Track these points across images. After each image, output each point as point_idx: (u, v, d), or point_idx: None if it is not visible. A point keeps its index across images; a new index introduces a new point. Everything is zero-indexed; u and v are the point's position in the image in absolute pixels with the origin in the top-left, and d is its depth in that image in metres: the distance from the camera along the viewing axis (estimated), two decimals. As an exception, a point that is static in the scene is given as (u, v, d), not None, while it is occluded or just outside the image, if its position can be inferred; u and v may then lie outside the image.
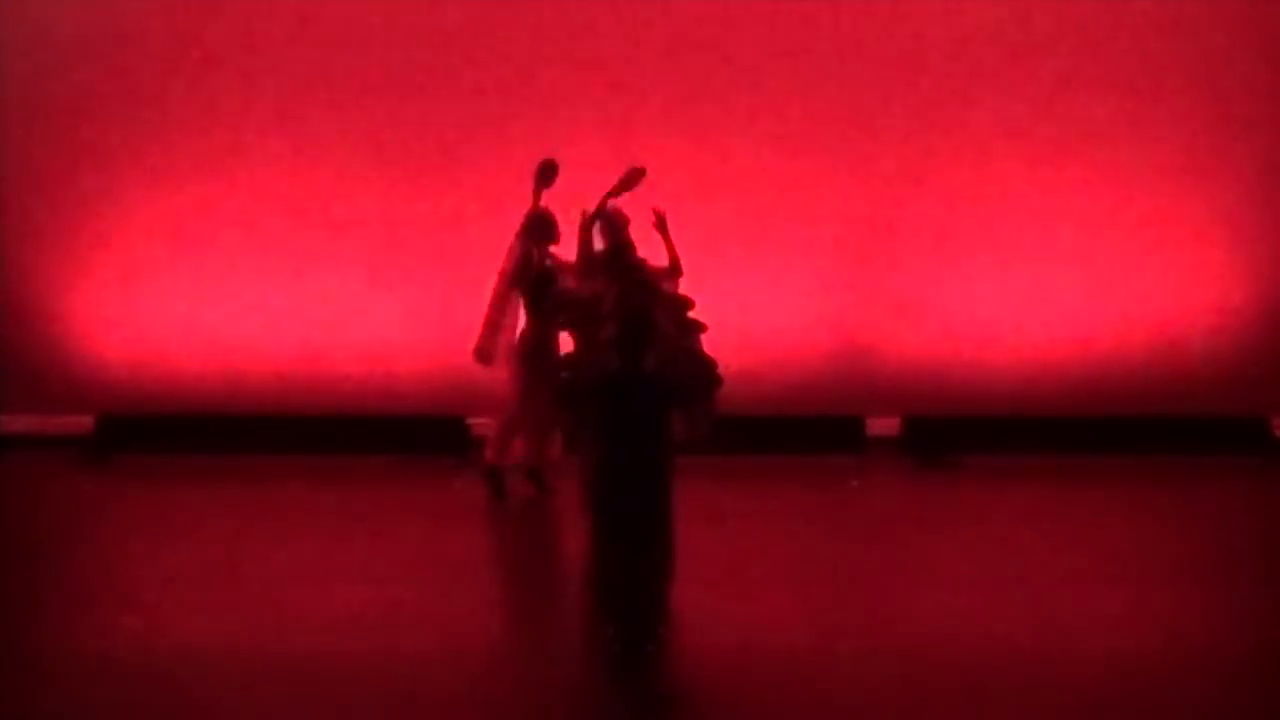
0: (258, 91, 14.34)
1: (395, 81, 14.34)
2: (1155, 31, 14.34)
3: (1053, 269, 14.47)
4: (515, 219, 14.25)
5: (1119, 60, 14.36)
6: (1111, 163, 14.42)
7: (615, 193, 11.89)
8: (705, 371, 9.61)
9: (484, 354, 12.11)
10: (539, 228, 12.15)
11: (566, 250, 12.11)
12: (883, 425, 14.11)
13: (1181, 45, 14.36)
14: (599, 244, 11.78)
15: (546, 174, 12.30)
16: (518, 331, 12.13)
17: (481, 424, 13.67)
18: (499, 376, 12.16)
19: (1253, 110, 14.45)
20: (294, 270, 14.39)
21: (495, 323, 12.11)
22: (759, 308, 13.93)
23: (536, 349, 11.96)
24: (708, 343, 11.06)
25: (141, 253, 14.41)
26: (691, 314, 10.92)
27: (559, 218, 12.24)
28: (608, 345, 9.25)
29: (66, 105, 14.34)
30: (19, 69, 14.32)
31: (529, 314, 12.09)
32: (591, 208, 11.79)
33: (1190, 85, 14.39)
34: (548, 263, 12.18)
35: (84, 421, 14.20)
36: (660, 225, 11.73)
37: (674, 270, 11.59)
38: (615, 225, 11.75)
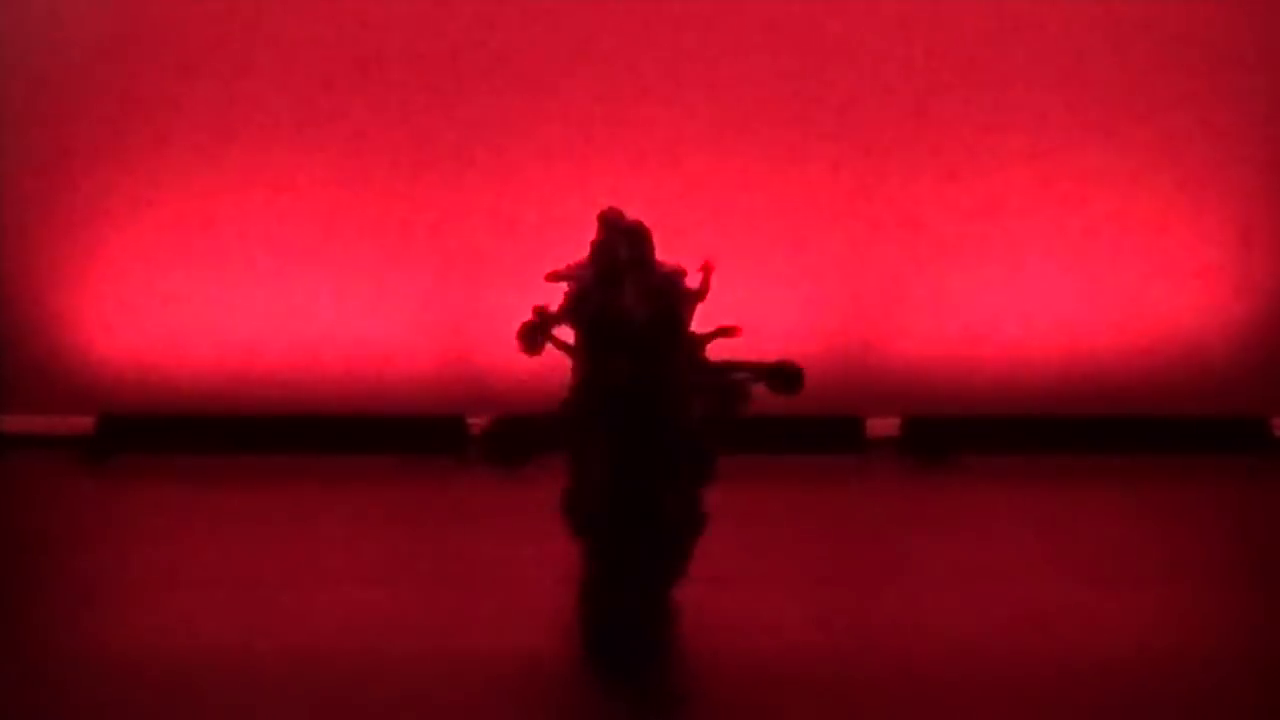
0: (258, 92, 14.33)
1: (396, 81, 14.33)
2: (1155, 30, 14.34)
3: (1053, 268, 14.46)
4: (515, 219, 14.31)
5: (1119, 59, 14.35)
6: (1112, 162, 14.40)
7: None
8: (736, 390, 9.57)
9: None
10: None
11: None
12: (883, 425, 14.12)
13: (1183, 44, 14.36)
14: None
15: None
16: None
17: (480, 424, 13.65)
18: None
19: (1254, 108, 14.45)
20: (294, 269, 14.39)
21: None
22: (758, 308, 13.90)
23: None
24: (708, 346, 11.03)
25: (142, 252, 14.40)
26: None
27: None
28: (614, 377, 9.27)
29: (66, 105, 14.33)
30: (19, 68, 14.31)
31: None
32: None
33: (1191, 84, 14.38)
34: None
35: (84, 421, 14.20)
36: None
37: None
38: (634, 239, 11.55)
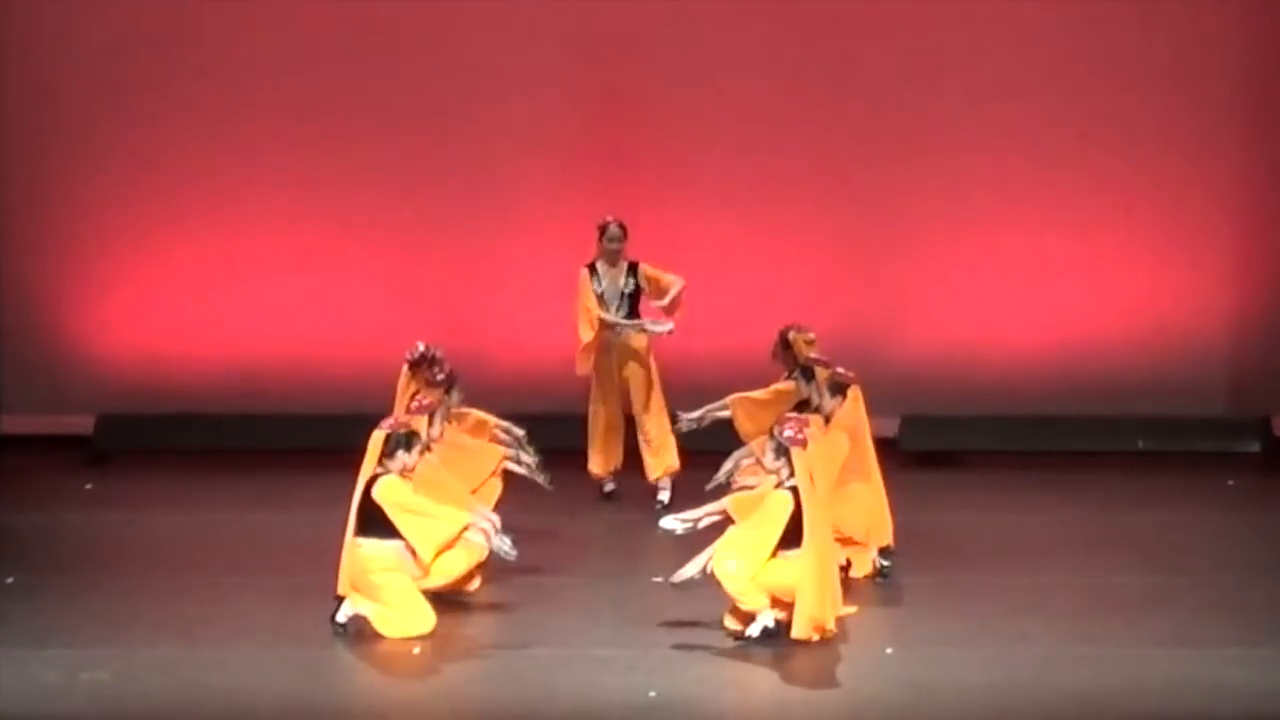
0: (259, 92, 14.34)
1: (399, 83, 14.34)
2: (1153, 34, 14.33)
3: (1052, 268, 14.46)
4: (516, 217, 14.29)
5: (1118, 63, 14.35)
6: (1112, 163, 14.40)
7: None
8: None
9: None
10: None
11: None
12: (881, 425, 14.10)
13: (1181, 48, 14.35)
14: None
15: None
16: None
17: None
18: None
19: (1254, 110, 14.45)
20: (294, 269, 14.40)
21: None
22: (757, 310, 13.90)
23: None
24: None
25: (142, 252, 14.41)
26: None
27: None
28: None
29: (67, 106, 14.34)
30: (21, 69, 14.32)
31: None
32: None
33: (1189, 86, 14.38)
34: None
35: (84, 421, 14.19)
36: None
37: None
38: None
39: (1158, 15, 14.32)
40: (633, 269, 12.56)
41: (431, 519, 9.67)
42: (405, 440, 9.87)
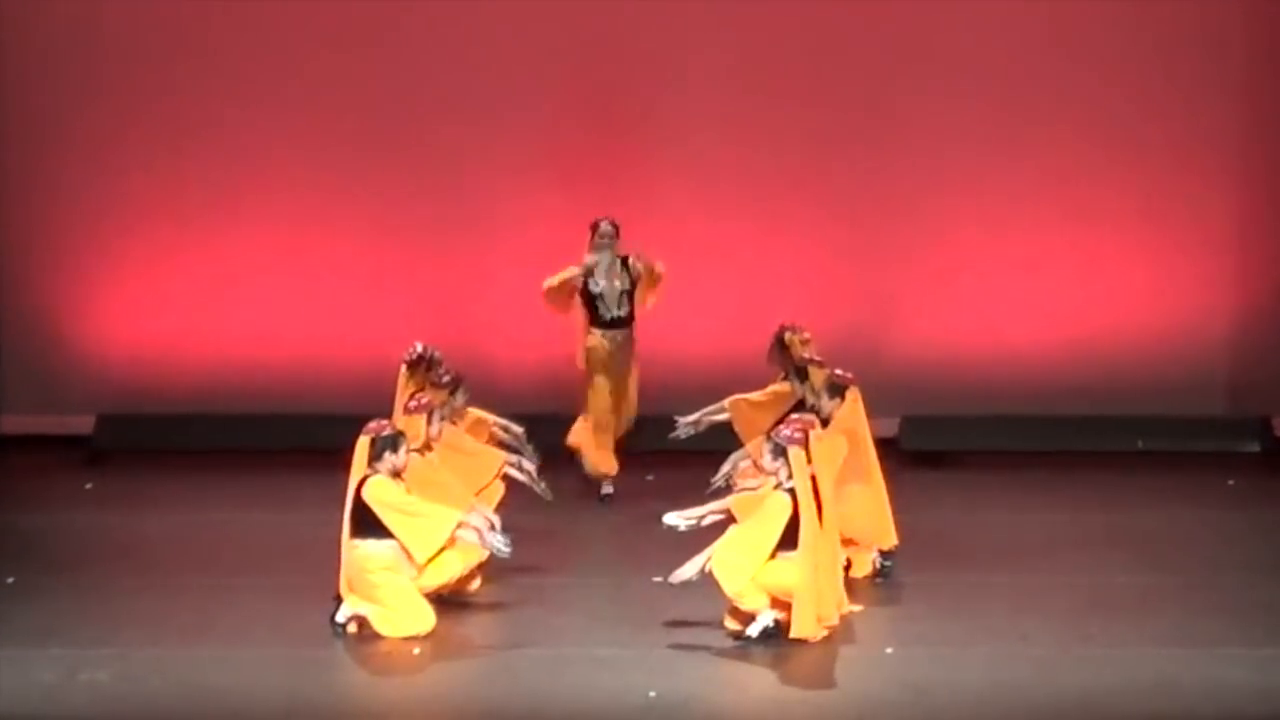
0: (258, 94, 14.35)
1: (397, 85, 14.35)
2: (1153, 33, 14.34)
3: (1052, 268, 14.47)
4: (515, 217, 14.29)
5: (1118, 63, 14.36)
6: (1112, 162, 14.41)
7: None
8: None
9: None
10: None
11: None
12: (881, 425, 14.10)
13: (1180, 47, 14.36)
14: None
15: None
16: None
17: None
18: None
19: (1254, 109, 14.46)
20: (294, 270, 14.41)
21: None
22: (757, 310, 13.90)
23: None
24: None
25: (142, 252, 14.41)
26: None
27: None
28: None
29: (68, 106, 14.34)
30: (21, 69, 14.32)
31: None
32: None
33: (1189, 85, 14.39)
34: None
35: (84, 421, 14.20)
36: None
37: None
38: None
39: (1158, 14, 14.33)
40: (623, 264, 12.56)
41: (422, 518, 9.68)
42: (391, 442, 9.87)
